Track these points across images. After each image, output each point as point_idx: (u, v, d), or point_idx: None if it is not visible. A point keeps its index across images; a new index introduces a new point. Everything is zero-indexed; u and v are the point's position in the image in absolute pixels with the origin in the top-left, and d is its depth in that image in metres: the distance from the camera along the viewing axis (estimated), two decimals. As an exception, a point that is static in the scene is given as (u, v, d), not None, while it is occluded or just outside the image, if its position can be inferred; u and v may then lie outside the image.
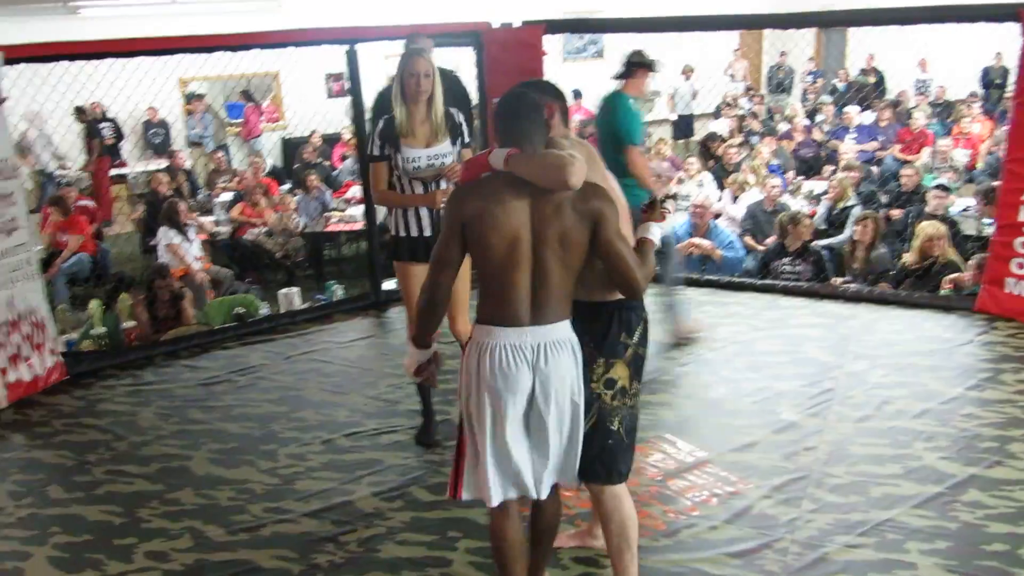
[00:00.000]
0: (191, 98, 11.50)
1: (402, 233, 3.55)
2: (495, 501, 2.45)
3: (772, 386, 4.30)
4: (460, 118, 3.55)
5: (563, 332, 2.37)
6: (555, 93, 2.59)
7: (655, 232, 2.53)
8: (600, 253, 2.34)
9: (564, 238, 2.30)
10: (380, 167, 3.49)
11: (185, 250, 6.73)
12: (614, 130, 4.45)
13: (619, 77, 4.60)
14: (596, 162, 2.58)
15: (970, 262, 5.57)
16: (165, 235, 6.89)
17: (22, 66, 4.83)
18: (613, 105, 4.52)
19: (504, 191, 2.31)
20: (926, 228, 5.77)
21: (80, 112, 9.70)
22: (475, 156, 2.51)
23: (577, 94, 12.30)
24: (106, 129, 10.16)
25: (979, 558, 2.90)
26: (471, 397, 2.40)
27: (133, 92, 6.51)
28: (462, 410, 2.48)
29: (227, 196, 8.68)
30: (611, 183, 2.59)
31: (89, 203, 8.37)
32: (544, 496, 2.49)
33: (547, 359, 2.33)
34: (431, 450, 3.77)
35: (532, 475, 2.45)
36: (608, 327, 2.50)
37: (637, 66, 4.53)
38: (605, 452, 2.52)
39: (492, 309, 2.36)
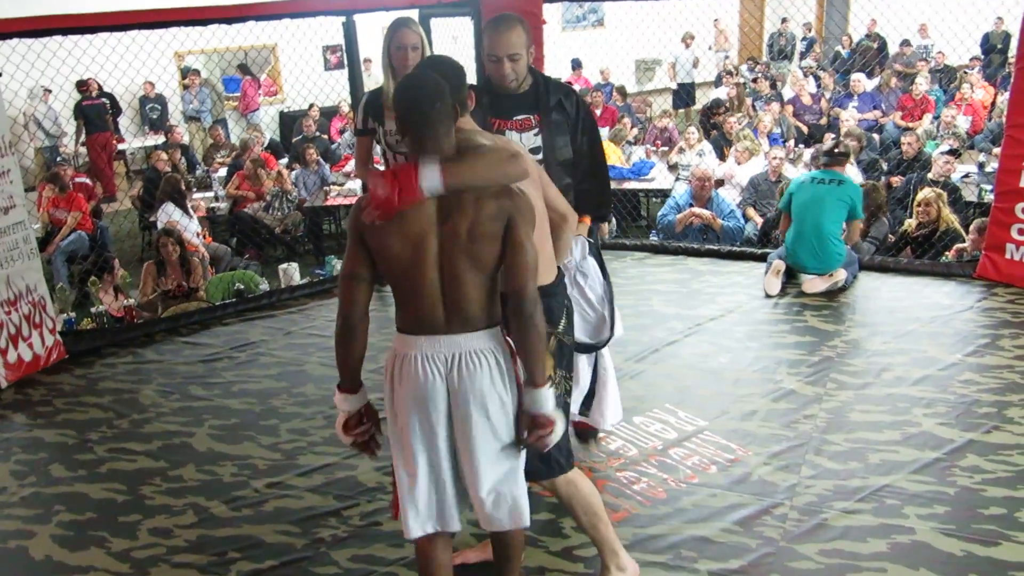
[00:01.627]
0: (187, 72, 11.42)
1: None
2: (412, 534, 2.23)
3: (772, 354, 4.30)
4: None
5: (482, 342, 2.13)
6: (458, 76, 2.26)
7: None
8: (506, 252, 2.10)
9: (473, 232, 2.06)
10: (364, 141, 3.34)
11: (184, 227, 6.73)
12: None
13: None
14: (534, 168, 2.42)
15: (971, 226, 5.56)
16: (166, 210, 6.88)
17: (15, 41, 4.80)
18: None
19: None
20: (921, 193, 5.77)
21: (81, 85, 9.64)
22: (399, 178, 2.06)
23: (576, 64, 12.19)
24: (94, 108, 10.06)
25: (977, 522, 2.92)
26: (389, 414, 2.23)
27: (128, 67, 6.45)
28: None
29: (225, 171, 8.66)
30: (533, 189, 2.34)
31: (86, 180, 8.34)
32: (454, 529, 2.28)
33: (462, 370, 2.12)
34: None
35: (456, 504, 2.23)
36: None
37: None
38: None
39: (404, 317, 2.17)
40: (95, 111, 10.00)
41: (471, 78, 6.23)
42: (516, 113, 3.01)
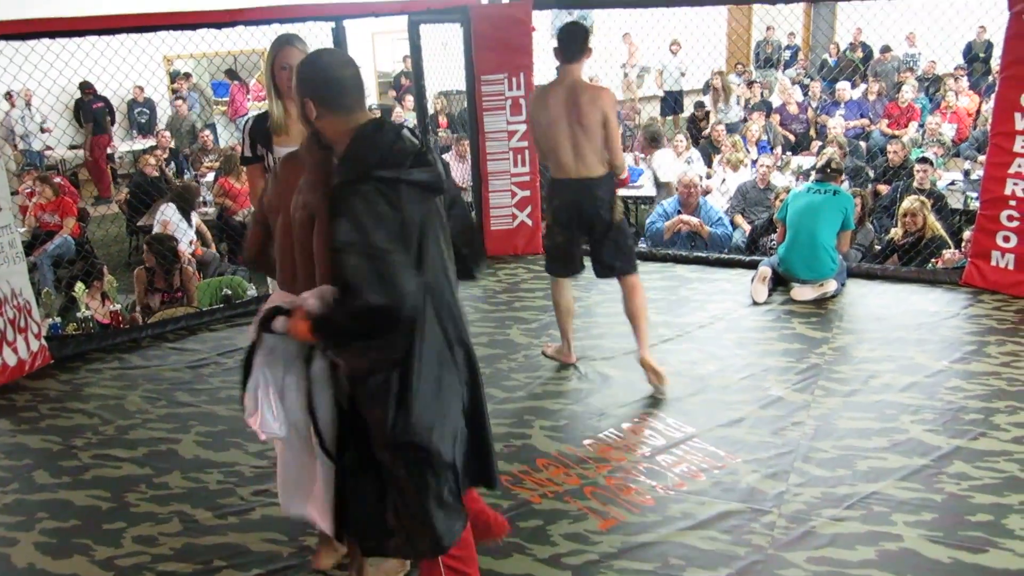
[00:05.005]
0: (176, 76, 11.39)
1: None
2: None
3: (760, 362, 4.31)
4: None
5: None
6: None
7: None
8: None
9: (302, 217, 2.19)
10: (253, 170, 3.08)
11: (182, 232, 6.67)
12: None
13: None
14: None
15: (965, 235, 5.59)
16: (165, 212, 6.82)
17: (1, 44, 4.77)
18: None
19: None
20: (905, 203, 5.82)
21: (85, 89, 9.64)
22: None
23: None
24: (100, 111, 10.09)
25: (964, 529, 2.93)
26: None
27: (116, 71, 6.42)
28: None
29: (212, 177, 8.62)
30: None
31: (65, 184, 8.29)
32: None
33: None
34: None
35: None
36: None
37: None
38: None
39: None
40: (100, 114, 10.02)
41: (459, 83, 6.28)
42: None
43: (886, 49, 12.10)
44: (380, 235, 1.96)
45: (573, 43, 3.89)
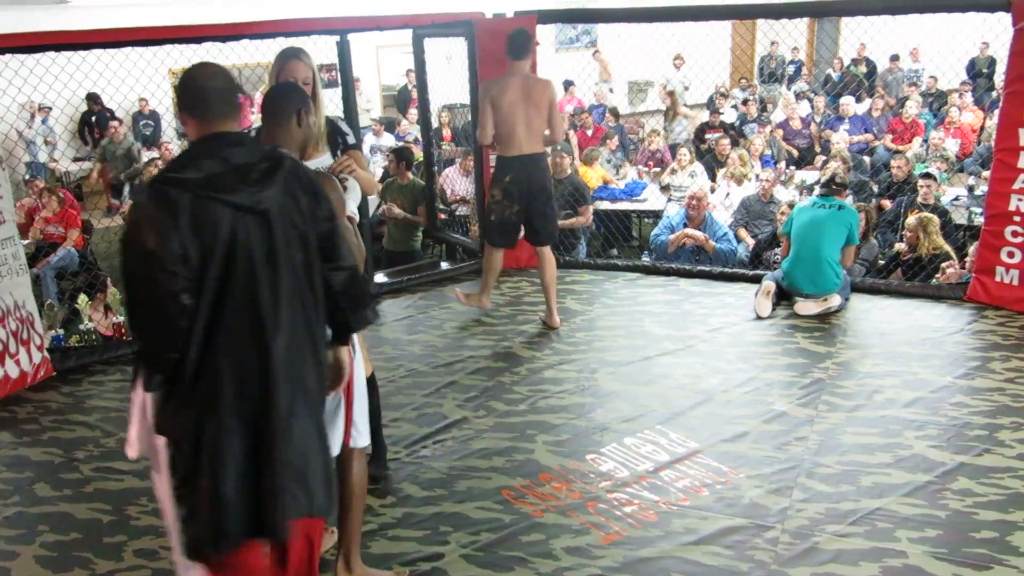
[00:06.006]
0: (180, 90, 11.45)
1: None
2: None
3: (763, 376, 4.30)
4: (342, 124, 3.21)
5: None
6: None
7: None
8: None
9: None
10: None
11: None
12: None
13: None
14: None
15: (969, 250, 5.58)
16: None
17: (8, 57, 4.80)
18: None
19: None
20: (910, 220, 5.81)
21: (93, 101, 9.69)
22: None
23: (568, 84, 12.27)
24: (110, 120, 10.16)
25: (968, 545, 2.91)
26: None
27: (121, 84, 6.45)
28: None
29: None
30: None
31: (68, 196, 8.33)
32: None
33: None
34: (420, 445, 3.75)
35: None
36: None
37: None
38: None
39: None
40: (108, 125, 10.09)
41: (464, 96, 6.31)
42: None
43: (895, 58, 12.14)
44: (137, 252, 1.89)
45: (522, 45, 4.83)
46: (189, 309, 1.90)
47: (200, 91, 2.05)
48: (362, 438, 2.71)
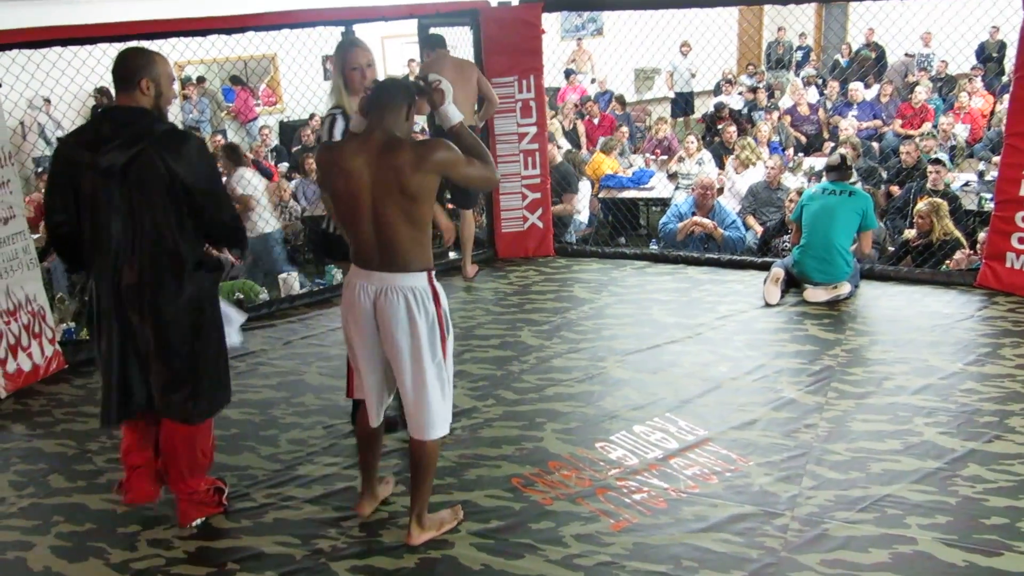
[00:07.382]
0: (186, 82, 11.45)
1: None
2: (357, 395, 2.97)
3: (772, 364, 4.30)
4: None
5: (402, 281, 2.67)
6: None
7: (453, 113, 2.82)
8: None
9: (405, 191, 2.59)
10: None
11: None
12: None
13: None
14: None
15: (980, 236, 5.55)
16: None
17: (15, 52, 4.81)
18: None
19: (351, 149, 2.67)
20: (921, 205, 5.78)
21: (101, 94, 9.70)
22: None
23: (569, 73, 12.26)
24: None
25: (979, 532, 2.91)
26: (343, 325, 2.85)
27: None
28: None
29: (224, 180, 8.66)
30: None
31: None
32: (375, 424, 2.95)
33: (383, 301, 2.68)
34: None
35: (376, 402, 2.90)
36: None
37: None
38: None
39: (353, 252, 2.76)
40: None
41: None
42: None
43: (908, 56, 12.03)
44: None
45: (440, 39, 5.49)
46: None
47: (115, 71, 2.95)
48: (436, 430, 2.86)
